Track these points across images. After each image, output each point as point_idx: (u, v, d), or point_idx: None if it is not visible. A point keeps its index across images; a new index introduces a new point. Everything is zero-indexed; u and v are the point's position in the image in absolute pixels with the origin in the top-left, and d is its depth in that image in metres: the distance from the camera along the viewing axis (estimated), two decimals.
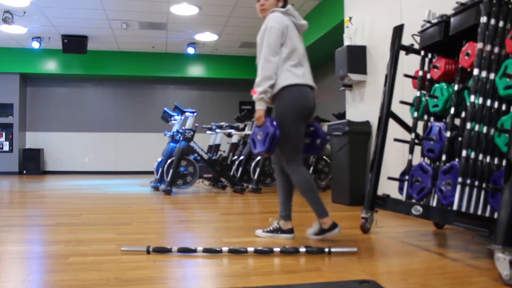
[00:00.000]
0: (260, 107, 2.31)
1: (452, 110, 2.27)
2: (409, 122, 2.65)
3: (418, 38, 2.63)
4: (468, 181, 1.98)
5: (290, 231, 2.44)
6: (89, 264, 1.86)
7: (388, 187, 2.90)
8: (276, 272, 1.78)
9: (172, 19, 7.86)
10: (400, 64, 2.67)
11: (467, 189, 1.98)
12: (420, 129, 2.58)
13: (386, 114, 2.62)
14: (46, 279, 1.70)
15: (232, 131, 6.22)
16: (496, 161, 2.00)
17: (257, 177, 5.50)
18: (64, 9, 7.34)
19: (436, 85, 2.44)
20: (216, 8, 7.32)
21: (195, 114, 5.66)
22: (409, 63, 3.07)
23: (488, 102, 2.01)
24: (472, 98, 2.03)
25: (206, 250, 2.04)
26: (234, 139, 6.19)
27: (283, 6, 2.52)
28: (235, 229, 2.90)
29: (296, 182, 2.34)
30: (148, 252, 2.03)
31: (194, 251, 2.04)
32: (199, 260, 1.96)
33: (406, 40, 2.67)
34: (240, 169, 5.74)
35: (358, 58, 4.21)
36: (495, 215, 1.90)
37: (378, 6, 4.06)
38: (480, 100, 2.01)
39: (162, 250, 2.05)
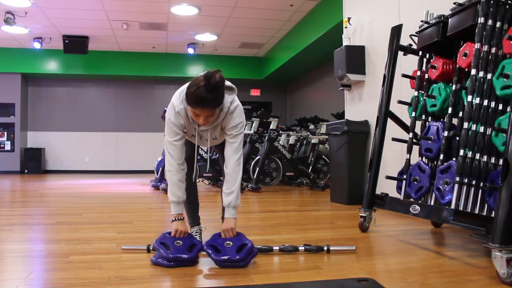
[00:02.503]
0: (236, 216, 1.98)
1: (450, 110, 2.29)
2: (407, 121, 2.66)
3: (416, 39, 2.64)
4: (466, 180, 1.99)
5: None
6: (90, 263, 1.88)
7: (386, 186, 2.92)
8: (276, 270, 1.79)
9: (172, 19, 7.87)
10: (398, 64, 2.68)
11: (464, 188, 1.99)
12: (418, 129, 2.59)
13: (385, 113, 2.63)
14: (47, 277, 1.71)
15: None
16: (493, 160, 2.02)
17: (256, 177, 5.52)
18: (65, 10, 7.35)
19: (434, 85, 2.45)
20: (216, 9, 7.34)
21: None
22: (407, 63, 3.08)
23: (486, 102, 2.02)
24: (470, 98, 2.05)
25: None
26: None
27: None
28: None
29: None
30: (148, 250, 2.04)
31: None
32: (199, 259, 1.98)
33: (404, 40, 2.68)
34: None
35: (356, 58, 4.22)
36: (492, 214, 1.92)
37: (377, 7, 4.07)
38: (478, 100, 2.02)
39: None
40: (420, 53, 2.62)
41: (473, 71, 2.06)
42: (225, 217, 1.97)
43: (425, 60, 2.60)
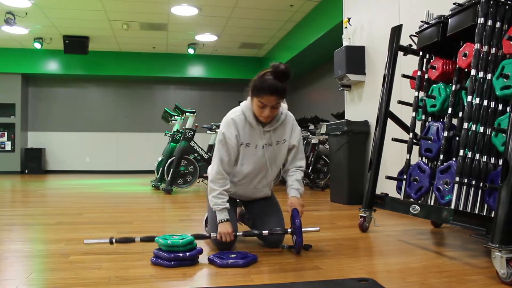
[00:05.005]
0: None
1: (450, 110, 2.29)
2: (407, 121, 2.66)
3: (416, 39, 2.64)
4: (466, 180, 1.99)
5: None
6: (90, 263, 1.88)
7: (386, 186, 2.92)
8: (276, 270, 1.79)
9: (173, 20, 7.88)
10: (398, 64, 2.69)
11: (464, 188, 1.99)
12: (418, 129, 2.59)
13: (385, 114, 2.63)
14: (48, 277, 1.71)
15: None
16: (493, 160, 2.02)
17: None
18: (65, 10, 7.36)
19: (434, 85, 2.45)
20: (216, 9, 7.34)
21: (195, 114, 5.68)
22: (407, 64, 3.08)
23: (485, 102, 2.02)
24: (470, 98, 2.05)
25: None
26: None
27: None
28: None
29: None
30: (111, 243, 2.03)
31: (152, 239, 2.01)
32: (199, 259, 1.98)
33: (404, 40, 2.68)
34: None
35: (356, 58, 4.23)
36: (492, 214, 1.92)
37: (377, 7, 4.07)
38: (477, 100, 2.02)
39: (126, 241, 2.05)
40: (420, 53, 2.62)
41: (473, 72, 2.06)
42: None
43: (425, 60, 2.60)
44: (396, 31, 2.67)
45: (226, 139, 2.03)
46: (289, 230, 2.10)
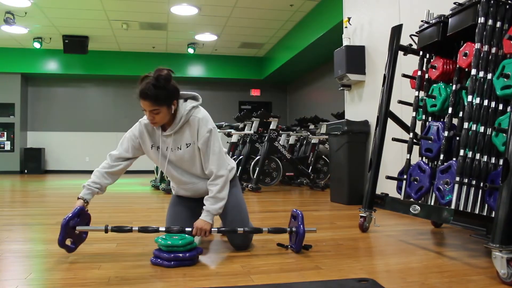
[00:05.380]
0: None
1: (450, 110, 2.29)
2: (408, 121, 2.66)
3: (416, 39, 2.64)
4: (466, 180, 1.99)
5: None
6: (90, 263, 1.88)
7: (386, 186, 2.92)
8: (276, 270, 1.79)
9: (172, 19, 7.88)
10: (398, 64, 2.68)
11: (464, 188, 1.99)
12: (418, 129, 2.59)
13: (385, 113, 2.63)
14: (47, 277, 1.71)
15: (232, 130, 6.23)
16: (493, 160, 2.02)
17: (256, 177, 5.51)
18: (65, 10, 7.35)
19: (434, 85, 2.45)
20: (216, 9, 7.34)
21: None
22: (408, 63, 3.08)
23: (486, 102, 2.02)
24: (470, 98, 2.04)
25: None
26: (234, 138, 6.20)
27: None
28: None
29: None
30: (106, 231, 2.00)
31: (157, 230, 2.01)
32: (199, 259, 1.98)
33: (404, 40, 2.68)
34: (240, 168, 5.76)
35: (356, 58, 4.22)
36: (493, 214, 1.92)
37: (377, 7, 4.07)
38: (478, 100, 2.02)
39: (121, 230, 2.02)
40: (421, 53, 2.62)
41: (473, 71, 2.05)
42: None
43: (425, 60, 2.60)
44: (396, 31, 2.66)
45: (126, 135, 2.23)
46: (288, 229, 2.10)
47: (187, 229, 2.01)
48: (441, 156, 2.24)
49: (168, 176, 2.23)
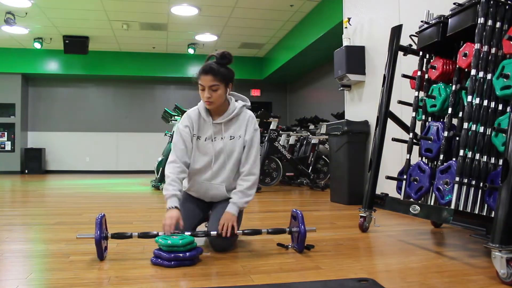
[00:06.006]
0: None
1: (450, 110, 2.29)
2: (407, 121, 2.66)
3: (416, 39, 2.64)
4: (466, 181, 1.99)
5: None
6: (90, 263, 1.88)
7: (386, 186, 2.92)
8: (276, 270, 1.79)
9: (173, 20, 7.88)
10: (398, 64, 2.68)
11: (464, 188, 1.99)
12: (418, 129, 2.59)
13: (385, 114, 2.63)
14: (47, 277, 1.71)
15: None
16: (493, 160, 2.02)
17: None
18: (65, 10, 7.36)
19: (434, 85, 2.45)
20: (216, 9, 7.34)
21: None
22: (407, 64, 3.08)
23: (485, 102, 2.02)
24: (470, 98, 2.05)
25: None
26: None
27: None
28: None
29: None
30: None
31: (154, 235, 1.97)
32: (199, 259, 1.98)
33: (404, 40, 2.68)
34: None
35: (356, 58, 4.23)
36: (492, 214, 1.92)
37: (377, 7, 4.07)
38: (478, 100, 2.02)
39: (122, 236, 2.00)
40: (420, 53, 2.62)
41: (473, 71, 2.06)
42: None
43: (425, 60, 2.60)
44: (396, 31, 2.67)
45: (180, 130, 2.16)
46: (287, 230, 2.11)
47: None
48: (441, 156, 2.24)
49: (192, 164, 2.16)
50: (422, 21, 2.53)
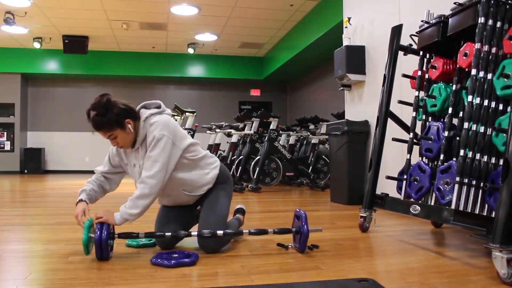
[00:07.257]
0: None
1: (450, 110, 2.29)
2: (408, 121, 2.66)
3: (416, 39, 2.64)
4: (466, 181, 1.99)
5: None
6: (90, 263, 1.87)
7: (386, 186, 2.91)
8: (276, 270, 1.79)
9: (172, 19, 7.88)
10: (398, 64, 2.68)
11: (464, 188, 1.99)
12: (418, 129, 2.59)
13: (385, 113, 2.63)
14: (47, 278, 1.71)
15: (232, 130, 6.24)
16: (493, 160, 2.01)
17: (256, 177, 5.51)
18: (65, 10, 7.35)
19: (434, 85, 2.45)
20: (216, 9, 7.34)
21: (194, 114, 5.68)
22: (408, 63, 3.08)
23: (486, 102, 2.02)
24: (470, 98, 2.04)
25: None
26: (234, 138, 6.20)
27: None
28: None
29: None
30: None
31: (163, 235, 2.02)
32: (199, 259, 1.98)
33: (404, 40, 2.68)
34: (240, 168, 5.76)
35: (357, 58, 4.22)
36: (493, 214, 1.92)
37: (377, 7, 4.07)
38: (478, 100, 2.02)
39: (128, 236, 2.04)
40: (421, 53, 2.62)
41: (473, 71, 2.05)
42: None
43: (425, 60, 2.60)
44: (397, 31, 2.66)
45: (110, 151, 2.24)
46: (293, 229, 2.11)
47: (193, 233, 2.03)
48: (441, 156, 2.24)
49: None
50: (422, 21, 2.53)
